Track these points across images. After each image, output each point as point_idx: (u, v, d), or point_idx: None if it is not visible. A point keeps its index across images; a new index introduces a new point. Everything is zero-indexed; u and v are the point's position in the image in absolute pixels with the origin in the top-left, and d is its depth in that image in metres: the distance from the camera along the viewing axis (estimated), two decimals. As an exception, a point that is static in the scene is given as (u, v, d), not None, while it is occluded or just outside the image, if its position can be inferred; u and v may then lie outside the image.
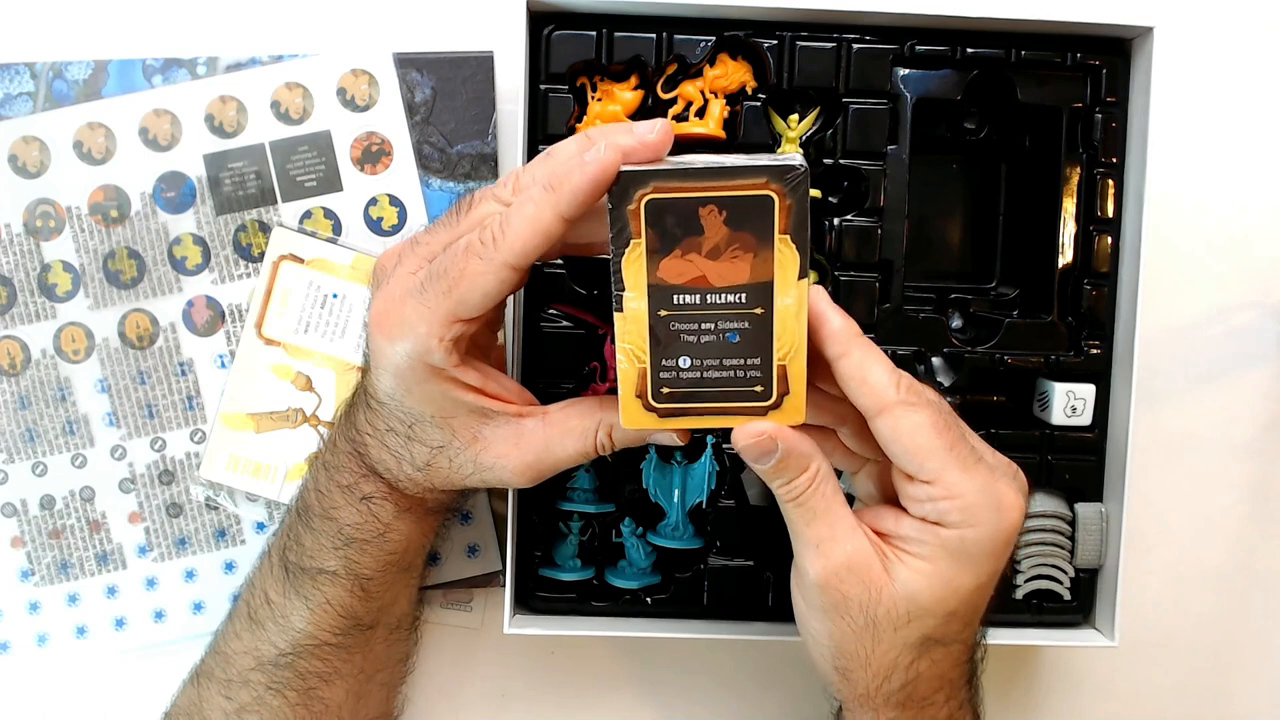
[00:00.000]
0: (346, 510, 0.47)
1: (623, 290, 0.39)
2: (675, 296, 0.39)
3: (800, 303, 0.39)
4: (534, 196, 0.40)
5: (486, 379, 0.44)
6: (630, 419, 0.41)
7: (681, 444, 0.44)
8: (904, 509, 0.43)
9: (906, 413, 0.40)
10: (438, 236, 0.43)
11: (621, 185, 0.38)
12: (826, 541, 0.41)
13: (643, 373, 0.40)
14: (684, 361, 0.40)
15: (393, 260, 0.44)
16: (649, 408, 0.41)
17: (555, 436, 0.44)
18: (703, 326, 0.40)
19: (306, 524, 0.48)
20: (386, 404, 0.44)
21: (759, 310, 0.39)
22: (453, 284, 0.40)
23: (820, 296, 0.41)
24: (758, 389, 0.40)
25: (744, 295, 0.39)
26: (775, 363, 0.40)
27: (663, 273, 0.39)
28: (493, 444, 0.44)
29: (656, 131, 0.39)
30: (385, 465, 0.46)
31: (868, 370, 0.40)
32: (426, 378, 0.42)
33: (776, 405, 0.41)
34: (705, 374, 0.40)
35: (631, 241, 0.38)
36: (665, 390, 0.41)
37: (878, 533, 0.43)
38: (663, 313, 0.39)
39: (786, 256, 0.38)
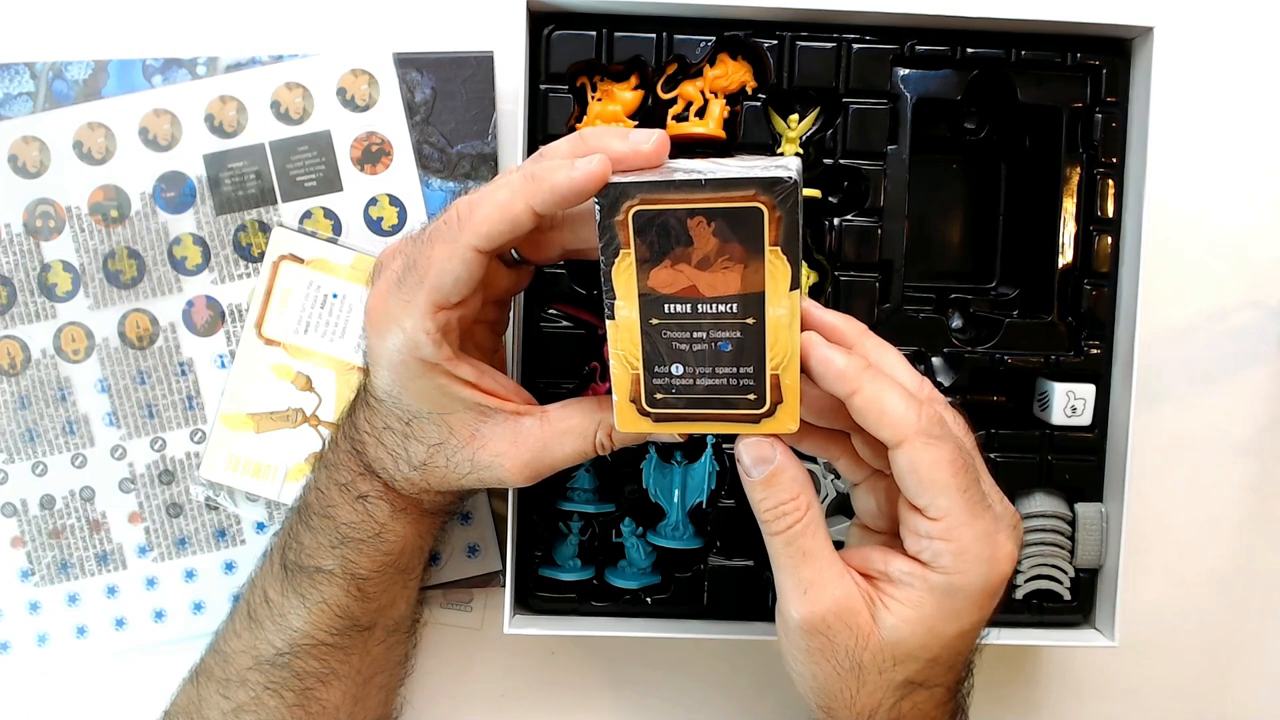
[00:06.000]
0: (343, 509, 0.47)
1: (614, 299, 0.39)
2: (666, 306, 0.39)
3: (793, 313, 0.39)
4: (511, 182, 0.40)
5: (483, 375, 0.44)
6: (625, 423, 0.42)
7: (680, 441, 0.44)
8: (893, 549, 0.42)
9: (926, 446, 0.39)
10: (425, 228, 0.43)
11: (609, 196, 0.38)
12: (814, 585, 0.41)
13: (636, 378, 0.41)
14: (676, 369, 0.40)
15: (389, 254, 0.44)
16: (643, 412, 0.41)
17: (554, 436, 0.44)
18: (695, 335, 0.39)
19: (305, 522, 0.48)
20: (385, 401, 0.44)
21: (751, 320, 0.39)
22: (423, 272, 0.41)
23: (815, 341, 0.40)
24: (751, 397, 0.40)
25: (735, 305, 0.39)
26: (768, 372, 0.40)
27: (653, 282, 0.39)
28: (490, 442, 0.44)
29: (652, 143, 0.39)
30: (382, 464, 0.46)
31: (884, 402, 0.39)
32: (421, 373, 0.42)
33: (770, 413, 0.41)
34: (698, 381, 0.40)
35: (621, 251, 0.38)
36: (659, 396, 0.41)
37: (864, 574, 0.42)
38: (654, 321, 0.39)
39: (778, 268, 0.38)
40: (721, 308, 0.39)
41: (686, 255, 0.38)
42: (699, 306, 0.39)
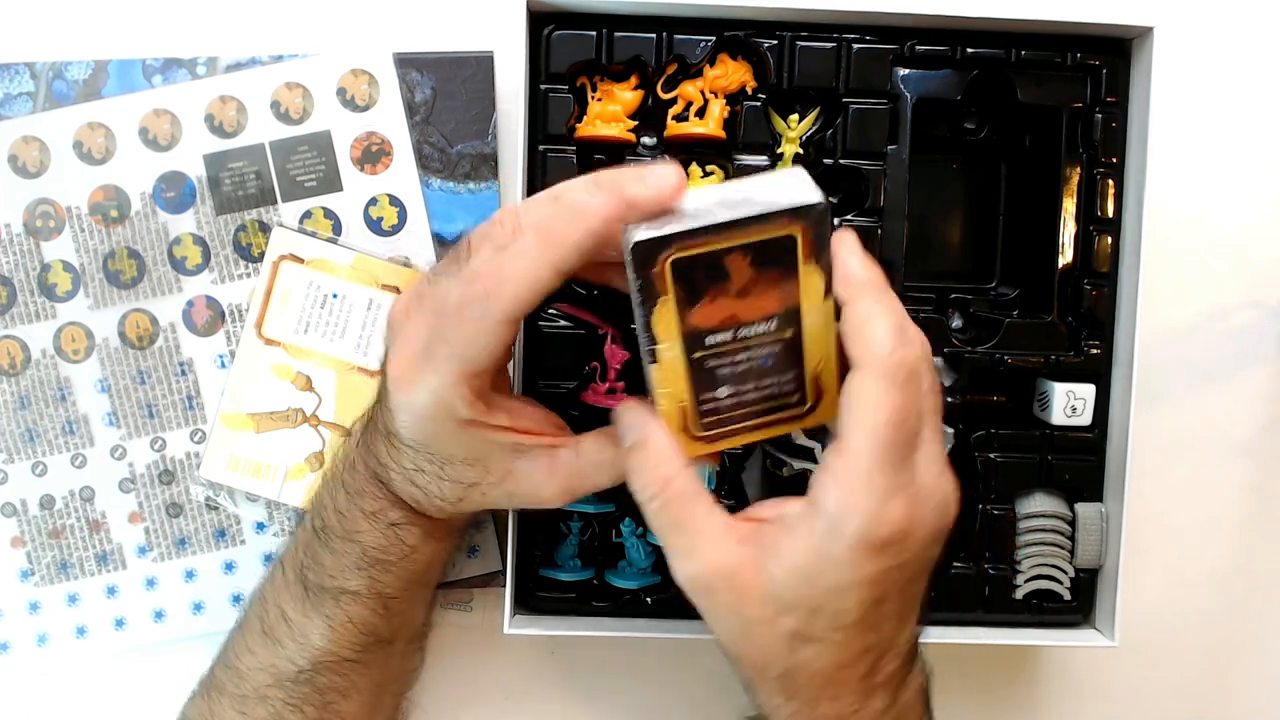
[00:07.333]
0: (371, 534, 0.46)
1: (655, 343, 0.39)
2: (708, 338, 0.39)
3: (828, 317, 0.40)
4: (527, 248, 0.38)
5: (515, 416, 0.44)
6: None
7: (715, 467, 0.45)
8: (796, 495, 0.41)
9: (878, 384, 0.37)
10: (440, 288, 0.41)
11: (642, 253, 0.37)
12: (692, 551, 0.40)
13: (683, 409, 0.41)
14: (722, 391, 0.41)
15: (402, 315, 0.43)
16: (695, 438, 0.42)
17: (590, 467, 0.44)
18: (737, 358, 0.40)
19: (326, 544, 0.47)
20: (414, 448, 0.43)
21: (789, 333, 0.40)
22: (454, 346, 0.40)
23: (845, 244, 0.40)
24: (794, 399, 0.42)
25: (774, 323, 0.39)
26: (808, 375, 0.41)
27: (694, 320, 0.39)
28: (527, 477, 0.44)
29: (671, 183, 0.38)
30: (414, 497, 0.46)
31: (872, 325, 0.38)
32: (457, 429, 0.42)
33: (813, 409, 0.42)
34: (744, 397, 0.41)
35: (659, 299, 0.38)
36: (708, 420, 0.42)
37: (765, 521, 0.41)
38: (697, 354, 0.40)
39: (812, 280, 0.39)
40: (761, 328, 0.39)
41: (725, 289, 0.38)
42: (739, 331, 0.39)
